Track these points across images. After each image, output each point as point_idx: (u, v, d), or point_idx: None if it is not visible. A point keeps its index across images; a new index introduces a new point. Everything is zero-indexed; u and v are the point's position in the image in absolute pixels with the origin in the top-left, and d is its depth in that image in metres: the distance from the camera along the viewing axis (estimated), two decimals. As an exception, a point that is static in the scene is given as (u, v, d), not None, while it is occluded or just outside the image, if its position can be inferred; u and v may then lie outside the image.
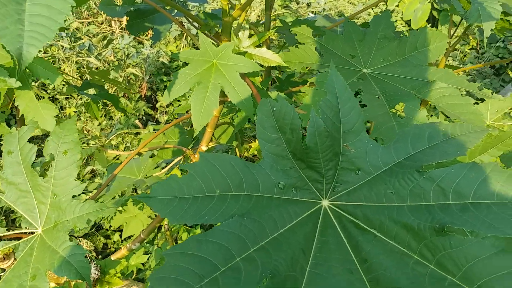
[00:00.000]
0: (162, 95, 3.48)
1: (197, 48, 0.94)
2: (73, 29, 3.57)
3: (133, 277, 1.81)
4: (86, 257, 0.78)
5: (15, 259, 0.76)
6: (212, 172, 0.64)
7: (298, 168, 0.66)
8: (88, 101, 1.33)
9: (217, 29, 1.06)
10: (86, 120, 3.25)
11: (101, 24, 3.81)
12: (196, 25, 1.28)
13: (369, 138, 0.66)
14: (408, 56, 1.09)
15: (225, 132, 1.36)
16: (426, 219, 0.57)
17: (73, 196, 0.82)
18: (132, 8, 1.43)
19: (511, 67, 3.50)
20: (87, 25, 3.77)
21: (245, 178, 0.64)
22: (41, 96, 0.87)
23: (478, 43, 3.71)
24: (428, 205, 0.59)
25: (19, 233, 0.79)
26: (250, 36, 1.02)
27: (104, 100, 1.58)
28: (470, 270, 0.53)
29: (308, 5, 4.67)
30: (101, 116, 3.20)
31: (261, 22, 1.59)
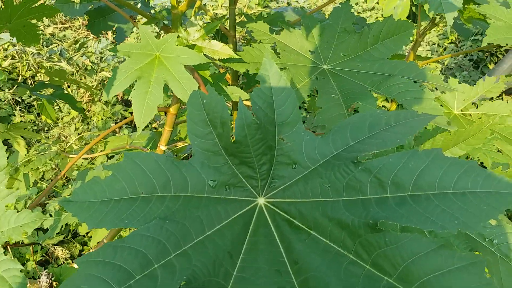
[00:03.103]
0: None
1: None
2: (48, 35, 3.47)
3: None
4: (21, 271, 0.72)
5: None
6: (136, 172, 0.59)
7: (231, 164, 0.61)
8: (41, 102, 1.27)
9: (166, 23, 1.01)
10: (64, 125, 3.17)
11: (79, 28, 3.72)
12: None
13: (305, 129, 0.61)
14: (369, 49, 1.01)
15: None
16: (361, 214, 0.53)
17: (6, 206, 0.77)
18: (91, 6, 1.37)
19: (490, 60, 3.49)
20: (64, 30, 3.68)
21: (173, 178, 0.59)
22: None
23: (457, 37, 3.69)
24: (365, 199, 0.54)
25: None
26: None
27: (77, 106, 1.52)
28: (407, 270, 0.48)
29: (288, 4, 4.62)
30: (78, 121, 3.12)
31: (226, 16, 1.54)
